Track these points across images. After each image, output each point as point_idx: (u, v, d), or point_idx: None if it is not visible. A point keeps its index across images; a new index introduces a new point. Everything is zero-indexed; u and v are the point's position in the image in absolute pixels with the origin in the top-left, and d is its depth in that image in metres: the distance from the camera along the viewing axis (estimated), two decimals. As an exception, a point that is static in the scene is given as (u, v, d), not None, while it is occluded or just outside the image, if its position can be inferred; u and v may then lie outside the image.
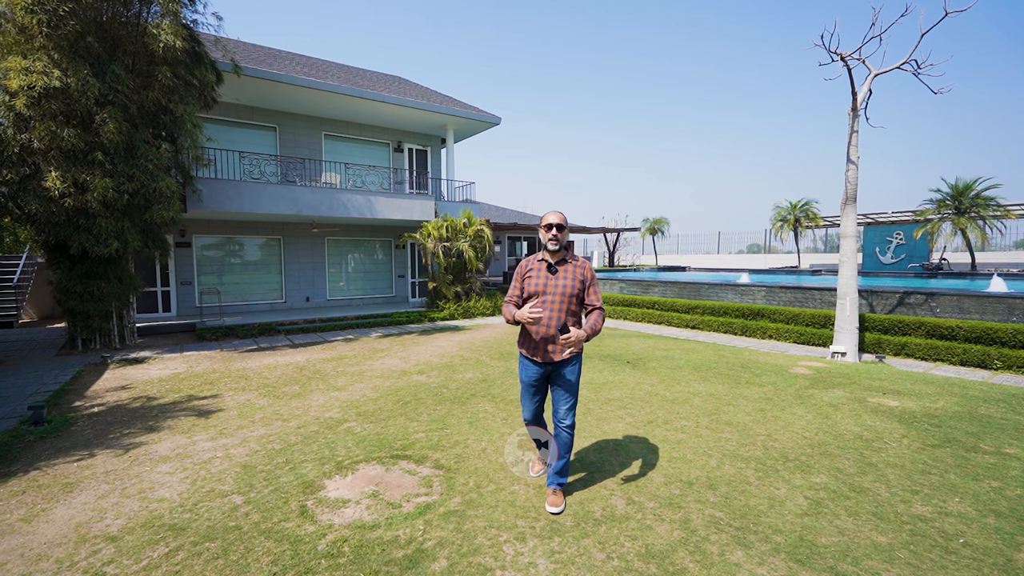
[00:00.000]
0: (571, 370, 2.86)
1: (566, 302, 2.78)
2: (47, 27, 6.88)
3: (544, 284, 2.81)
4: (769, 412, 4.57)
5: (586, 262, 2.93)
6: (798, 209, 22.79)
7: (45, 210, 7.68)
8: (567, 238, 2.91)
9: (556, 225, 2.81)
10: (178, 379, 6.47)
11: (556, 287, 2.79)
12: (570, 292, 2.78)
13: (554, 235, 2.80)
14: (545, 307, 2.78)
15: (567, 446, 2.89)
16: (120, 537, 2.61)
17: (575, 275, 2.83)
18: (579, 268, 2.85)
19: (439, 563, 2.33)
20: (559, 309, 2.77)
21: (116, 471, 3.49)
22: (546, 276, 2.83)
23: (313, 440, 4.00)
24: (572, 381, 2.86)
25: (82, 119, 7.62)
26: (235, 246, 13.43)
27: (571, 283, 2.80)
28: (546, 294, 2.79)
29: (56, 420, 4.74)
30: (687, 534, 2.56)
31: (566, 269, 2.83)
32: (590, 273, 2.87)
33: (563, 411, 2.86)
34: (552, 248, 2.83)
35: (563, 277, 2.81)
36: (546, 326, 2.77)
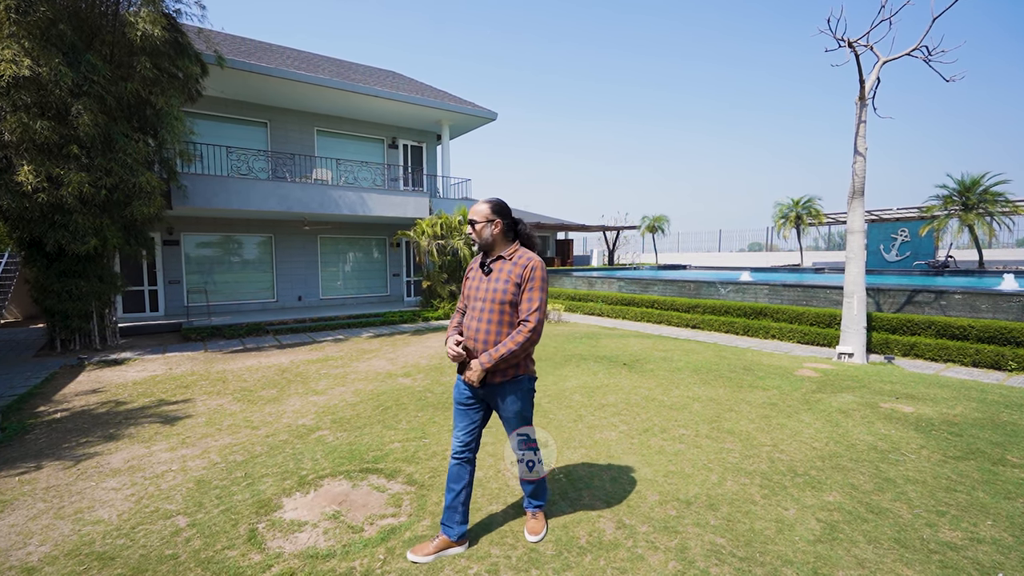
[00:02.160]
0: (508, 398, 2.28)
1: (496, 310, 2.24)
2: (15, 13, 6.57)
3: (476, 287, 2.34)
4: (774, 419, 4.25)
5: (531, 259, 2.29)
6: (800, 206, 22.44)
7: (18, 205, 7.37)
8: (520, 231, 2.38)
9: (469, 222, 2.33)
10: (153, 382, 6.17)
11: (487, 291, 2.28)
12: (499, 298, 2.24)
13: (468, 231, 2.31)
14: (472, 316, 2.30)
15: (526, 468, 2.51)
16: (39, 568, 2.29)
17: (509, 276, 2.25)
18: (517, 266, 2.27)
19: (397, 603, 2.02)
20: (487, 320, 2.24)
21: (58, 487, 3.17)
22: (480, 278, 2.35)
23: (279, 451, 3.68)
24: (511, 412, 2.30)
25: (57, 111, 7.31)
26: (225, 244, 13.13)
27: (502, 286, 2.24)
28: (477, 299, 2.31)
29: (11, 427, 4.43)
30: (684, 566, 2.24)
31: (501, 268, 2.30)
32: (529, 272, 2.24)
33: (510, 436, 2.40)
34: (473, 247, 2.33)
35: (495, 279, 2.28)
36: (471, 338, 2.28)
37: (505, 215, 2.35)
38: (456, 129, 16.07)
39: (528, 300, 2.24)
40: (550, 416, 4.39)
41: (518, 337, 2.20)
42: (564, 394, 5.09)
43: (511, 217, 2.38)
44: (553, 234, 25.33)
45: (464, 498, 2.36)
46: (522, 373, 2.31)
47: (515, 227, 2.39)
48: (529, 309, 2.23)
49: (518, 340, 2.19)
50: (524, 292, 2.25)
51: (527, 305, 2.23)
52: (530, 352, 2.32)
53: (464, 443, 2.36)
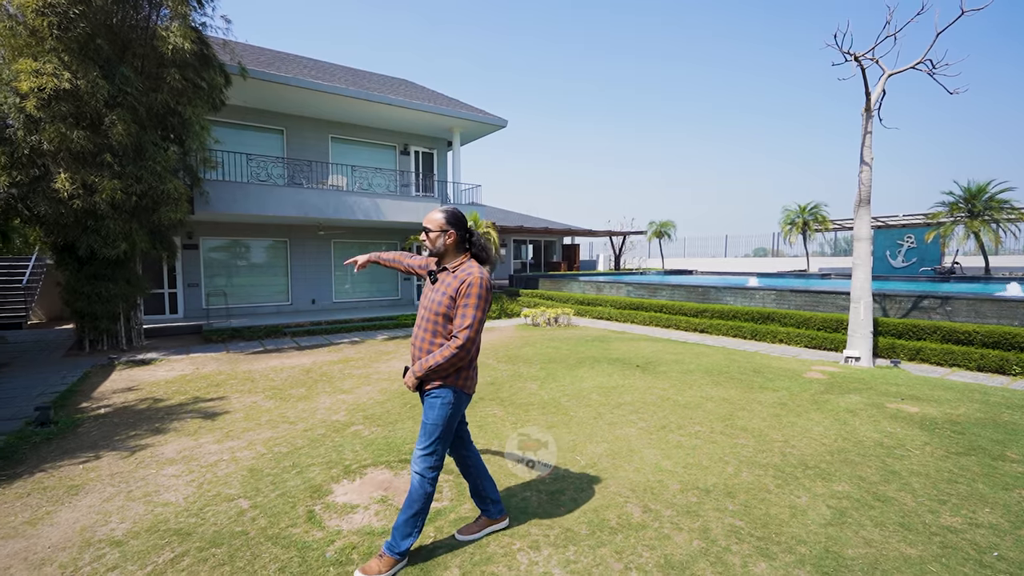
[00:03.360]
0: (428, 403, 2.28)
1: (431, 320, 2.25)
2: (57, 29, 6.91)
3: (424, 295, 2.37)
4: (785, 418, 4.47)
5: (471, 274, 2.23)
6: (807, 212, 22.59)
7: (54, 212, 7.70)
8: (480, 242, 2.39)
9: (423, 229, 2.34)
10: (184, 381, 6.44)
11: (428, 300, 2.31)
12: (435, 308, 2.25)
13: (422, 238, 2.37)
14: (416, 323, 2.36)
15: (412, 497, 2.26)
16: (125, 541, 2.55)
17: (447, 288, 2.24)
18: (456, 280, 2.24)
19: (451, 572, 2.26)
20: (424, 328, 2.28)
21: (122, 473, 3.44)
22: (428, 286, 2.37)
23: (320, 443, 3.94)
24: (427, 419, 2.26)
25: (91, 121, 7.64)
26: (242, 248, 13.46)
27: (439, 297, 2.25)
28: (422, 307, 2.34)
29: (63, 421, 4.70)
30: (707, 544, 2.47)
31: (444, 279, 2.30)
32: (466, 288, 2.20)
33: (416, 451, 2.30)
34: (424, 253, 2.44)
35: (436, 289, 2.29)
36: (413, 344, 2.34)
37: (459, 227, 2.34)
38: (466, 136, 16.38)
39: (461, 316, 2.20)
40: (571, 413, 4.63)
41: (446, 351, 2.19)
42: (582, 393, 5.32)
43: (466, 228, 2.37)
44: (559, 239, 25.58)
45: (484, 479, 2.56)
46: (449, 385, 2.26)
47: (469, 239, 2.38)
48: (460, 325, 2.19)
49: (445, 355, 2.18)
50: (459, 307, 2.21)
51: (459, 321, 2.20)
52: (462, 367, 2.28)
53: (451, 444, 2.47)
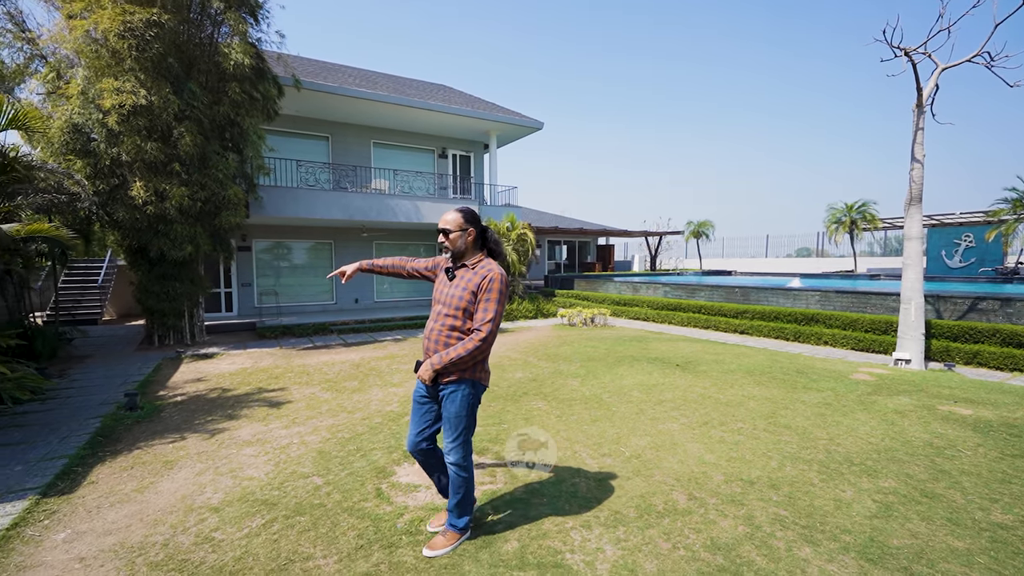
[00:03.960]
0: (448, 398, 2.36)
1: (451, 315, 2.35)
2: (135, 50, 7.54)
3: (440, 291, 2.46)
4: (830, 417, 4.47)
5: (491, 270, 2.35)
6: (854, 211, 21.77)
7: (130, 217, 8.40)
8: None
9: (440, 230, 2.43)
10: (246, 373, 6.92)
11: (446, 296, 2.39)
12: (456, 304, 2.34)
13: (440, 240, 2.45)
14: (432, 317, 2.43)
15: (455, 485, 2.44)
16: (221, 508, 2.89)
17: (467, 284, 2.34)
18: (476, 276, 2.35)
19: (510, 544, 2.47)
20: (441, 323, 2.36)
21: (207, 452, 3.82)
22: (444, 282, 2.47)
23: (379, 431, 4.23)
24: (450, 412, 2.36)
25: (162, 133, 8.29)
26: (290, 250, 14.16)
27: (459, 292, 2.34)
28: (438, 302, 2.43)
29: (147, 407, 5.20)
30: (752, 529, 2.59)
31: (463, 275, 2.39)
32: (487, 283, 2.31)
33: (446, 444, 2.43)
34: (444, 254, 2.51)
35: (456, 285, 2.38)
36: (427, 338, 2.41)
37: (476, 224, 2.44)
38: (503, 138, 16.66)
39: (483, 310, 2.30)
40: (613, 409, 4.78)
41: (469, 344, 2.28)
42: (623, 390, 5.45)
43: (481, 226, 2.47)
44: (593, 239, 25.55)
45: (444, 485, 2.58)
46: (468, 378, 2.36)
47: (484, 236, 2.48)
48: (483, 319, 2.29)
49: (468, 347, 2.27)
50: (480, 302, 2.31)
51: (481, 315, 2.30)
52: (480, 360, 2.38)
53: (416, 442, 2.50)
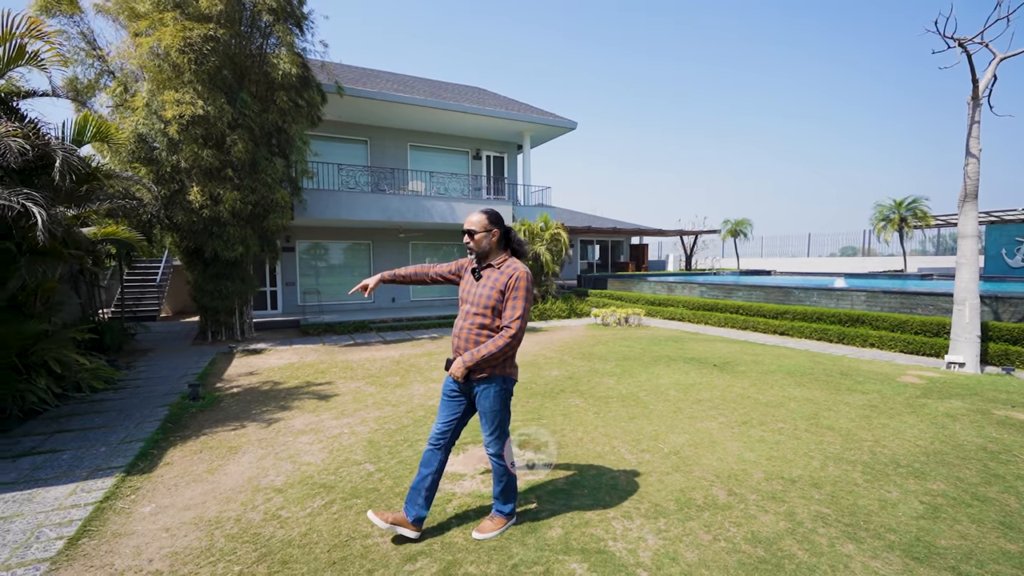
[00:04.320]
0: (482, 395, 2.45)
1: (479, 314, 2.42)
2: (194, 64, 8.05)
3: (467, 291, 2.54)
4: (875, 419, 4.38)
5: (517, 269, 2.44)
6: (904, 207, 20.79)
7: (187, 220, 8.95)
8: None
9: (466, 231, 2.52)
10: (294, 368, 7.28)
11: (474, 296, 2.48)
12: (484, 303, 2.42)
13: (466, 241, 2.53)
14: (460, 316, 2.51)
15: (497, 474, 2.57)
16: (285, 489, 3.13)
17: (495, 283, 2.43)
18: (503, 275, 2.43)
19: (554, 531, 2.59)
20: (471, 322, 2.44)
21: (266, 439, 4.10)
22: (471, 282, 2.54)
23: (423, 423, 4.42)
24: (485, 408, 2.46)
25: (217, 141, 8.79)
26: (331, 250, 14.69)
27: (487, 292, 2.43)
28: (466, 302, 2.51)
29: (208, 397, 5.58)
30: (793, 525, 2.62)
31: (489, 275, 2.47)
32: (514, 281, 2.40)
33: (485, 438, 2.55)
34: (469, 255, 2.60)
35: (483, 285, 2.46)
36: (456, 336, 2.49)
37: (500, 225, 2.53)
38: (536, 139, 16.76)
39: (512, 308, 2.38)
40: (650, 407, 4.82)
41: (499, 341, 2.35)
42: (660, 389, 5.48)
43: (505, 227, 2.55)
44: (627, 239, 25.31)
45: (429, 483, 2.51)
46: (499, 374, 2.44)
47: (508, 237, 2.56)
48: (512, 316, 2.37)
49: (499, 344, 2.35)
50: (508, 300, 2.39)
51: (510, 312, 2.38)
52: (510, 356, 2.47)
53: (441, 432, 2.53)
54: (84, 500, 3.06)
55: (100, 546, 2.55)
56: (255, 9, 8.94)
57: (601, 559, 2.33)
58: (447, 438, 2.54)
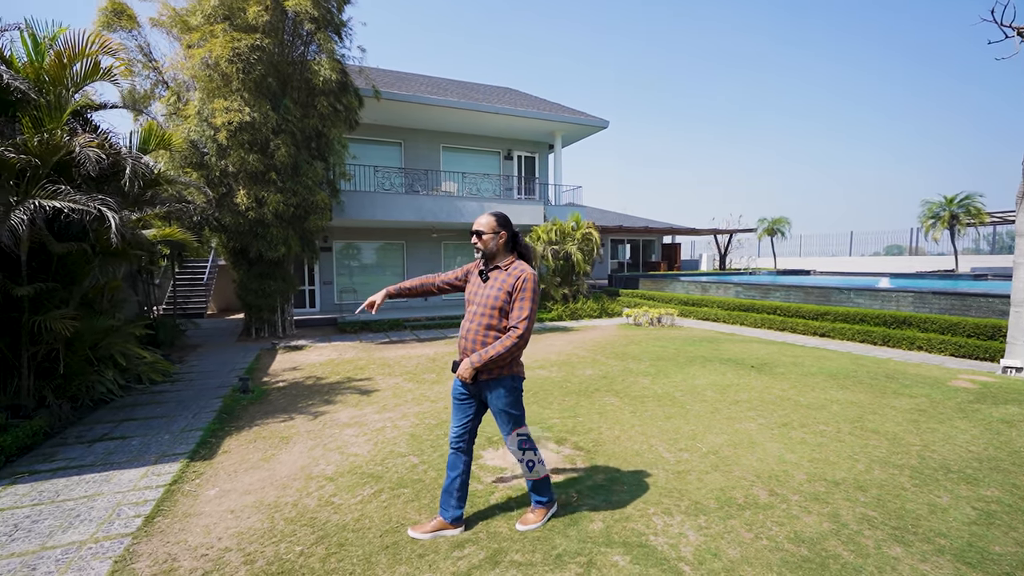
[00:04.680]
0: (493, 395, 2.48)
1: (487, 315, 2.46)
2: (242, 73, 8.44)
3: (475, 292, 2.57)
4: (924, 424, 4.26)
5: (524, 271, 2.48)
6: (955, 204, 19.79)
7: (234, 222, 9.39)
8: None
9: (474, 231, 2.55)
10: (334, 364, 7.55)
11: (482, 297, 2.50)
12: (491, 304, 2.45)
13: (474, 241, 2.56)
14: (467, 318, 2.54)
15: (526, 468, 2.62)
16: (335, 478, 3.30)
17: (502, 285, 2.46)
18: (511, 277, 2.46)
19: (596, 524, 2.65)
20: (478, 323, 2.47)
21: (314, 431, 4.31)
22: (478, 283, 2.57)
23: (461, 418, 4.55)
24: (499, 407, 2.50)
25: (261, 146, 9.18)
26: (366, 250, 15.08)
27: (495, 293, 2.46)
28: (472, 303, 2.54)
29: (256, 391, 5.87)
30: (837, 526, 2.60)
31: (496, 277, 2.50)
32: (521, 283, 2.44)
33: (505, 437, 2.59)
34: (477, 255, 2.63)
35: (491, 286, 2.49)
36: (463, 338, 2.52)
37: (509, 228, 2.56)
38: (567, 138, 16.76)
39: (519, 308, 2.42)
40: (687, 407, 4.81)
41: (507, 342, 2.39)
42: (696, 390, 5.45)
43: (512, 230, 2.58)
44: (658, 238, 24.96)
45: (459, 484, 2.56)
46: (507, 374, 2.48)
47: (515, 240, 2.59)
48: (519, 317, 2.41)
49: (506, 344, 2.38)
50: (515, 301, 2.43)
51: (517, 313, 2.42)
52: (517, 356, 2.50)
53: (458, 435, 2.58)
54: (155, 483, 3.31)
55: (173, 524, 2.76)
56: (297, 18, 9.29)
57: (643, 552, 2.39)
58: (466, 440, 2.59)
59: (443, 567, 2.31)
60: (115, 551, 2.50)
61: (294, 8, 8.80)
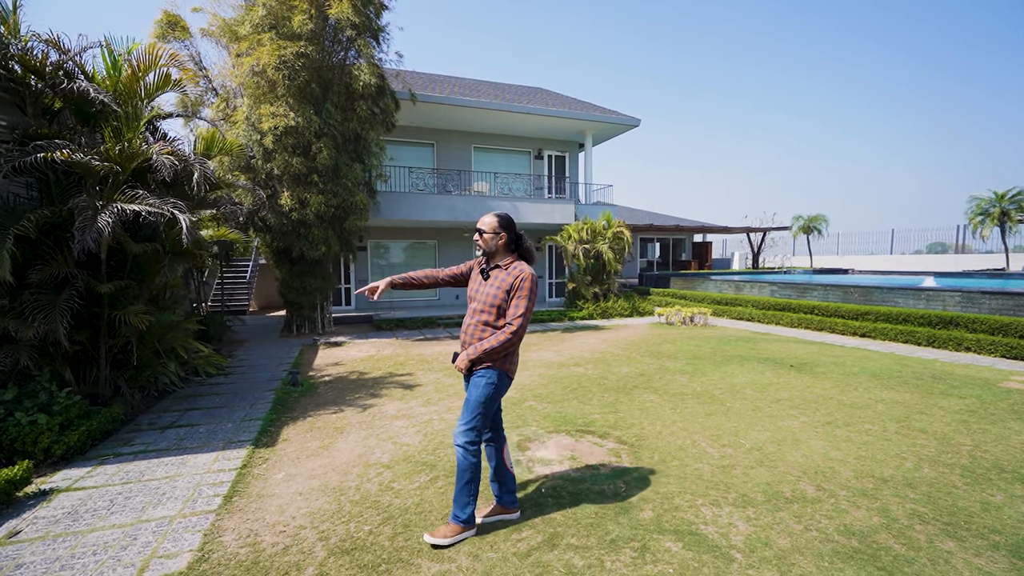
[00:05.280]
0: (475, 381, 2.54)
1: (486, 311, 2.55)
2: (287, 80, 8.81)
3: (476, 289, 2.66)
4: (974, 424, 4.18)
5: (523, 271, 2.56)
6: (1007, 200, 18.89)
7: (278, 222, 9.79)
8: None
9: (477, 230, 2.65)
10: (374, 360, 7.82)
11: (482, 295, 2.60)
12: (490, 301, 2.55)
13: (475, 239, 2.66)
14: (468, 314, 2.65)
15: (460, 468, 2.54)
16: (392, 466, 3.50)
17: (501, 283, 2.55)
18: (509, 276, 2.55)
19: (646, 513, 2.76)
20: (477, 319, 2.57)
21: (365, 422, 4.53)
22: (479, 281, 2.67)
23: (505, 413, 4.69)
24: (471, 397, 2.54)
25: (304, 149, 9.55)
26: (400, 249, 15.43)
27: (494, 291, 2.55)
28: (474, 300, 2.64)
29: (305, 384, 6.16)
30: (887, 521, 2.63)
31: (497, 275, 2.60)
32: (519, 282, 2.52)
33: (459, 425, 2.57)
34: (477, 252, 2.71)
35: (491, 284, 2.59)
36: (464, 333, 2.64)
37: (510, 229, 2.64)
38: (598, 137, 16.74)
39: (515, 307, 2.50)
40: (727, 405, 4.84)
41: (501, 336, 2.48)
42: (735, 388, 5.46)
43: (515, 231, 2.67)
44: (688, 237, 24.63)
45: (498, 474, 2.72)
46: (497, 367, 2.54)
47: (517, 240, 2.67)
48: (515, 314, 2.49)
49: (501, 339, 2.47)
50: (512, 299, 2.51)
51: (513, 311, 2.50)
52: (511, 351, 2.57)
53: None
54: (226, 466, 3.57)
55: (250, 504, 3.00)
56: (338, 25, 9.61)
57: (694, 540, 2.48)
58: (490, 431, 2.72)
59: (504, 548, 2.46)
60: (203, 525, 2.74)
61: (336, 15, 9.12)
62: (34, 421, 3.56)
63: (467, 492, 2.55)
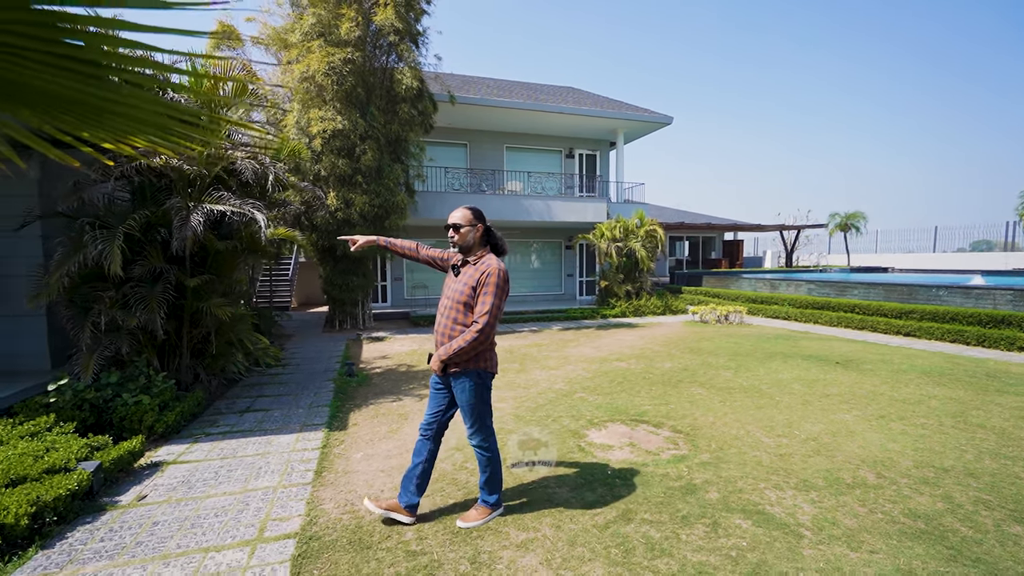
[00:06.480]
0: (458, 387, 2.52)
1: (454, 308, 2.49)
2: (335, 85, 9.19)
3: (447, 286, 2.62)
4: (1033, 421, 4.18)
5: (490, 266, 2.47)
6: (1058, 195, 18.07)
7: (324, 222, 10.20)
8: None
9: (451, 225, 2.57)
10: (417, 354, 8.10)
11: (451, 291, 2.54)
12: (457, 298, 2.48)
13: (450, 235, 2.58)
14: (439, 311, 2.60)
15: (481, 464, 2.66)
16: (461, 448, 3.72)
17: (468, 279, 2.48)
18: (477, 271, 2.48)
19: (711, 494, 2.92)
20: (447, 316, 2.51)
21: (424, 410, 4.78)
22: (451, 277, 2.62)
23: (558, 403, 4.90)
24: (462, 401, 2.53)
25: (349, 151, 9.93)
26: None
27: (461, 287, 2.49)
28: (444, 297, 2.59)
29: (360, 375, 6.48)
30: (952, 507, 2.73)
31: (466, 271, 2.54)
32: (485, 277, 2.43)
33: (467, 429, 2.62)
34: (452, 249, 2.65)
35: (459, 280, 2.53)
36: (436, 331, 2.57)
37: (483, 221, 2.59)
38: (630, 135, 16.76)
39: (481, 303, 2.42)
40: (776, 399, 4.93)
41: (468, 336, 2.40)
42: (782, 383, 5.52)
43: (487, 225, 2.61)
44: (719, 235, 24.34)
45: (420, 472, 2.61)
46: (472, 368, 2.49)
47: (488, 233, 2.62)
48: (480, 312, 2.41)
49: (467, 339, 2.40)
50: (479, 296, 2.42)
51: (479, 308, 2.42)
52: (483, 350, 2.50)
53: (428, 423, 2.65)
54: (308, 446, 3.87)
55: (339, 478, 3.27)
56: (381, 31, 9.96)
57: (762, 518, 2.63)
58: (434, 429, 2.64)
59: (583, 520, 2.65)
60: (303, 495, 3.03)
61: (380, 22, 9.46)
62: (139, 401, 3.93)
63: (493, 483, 2.67)
